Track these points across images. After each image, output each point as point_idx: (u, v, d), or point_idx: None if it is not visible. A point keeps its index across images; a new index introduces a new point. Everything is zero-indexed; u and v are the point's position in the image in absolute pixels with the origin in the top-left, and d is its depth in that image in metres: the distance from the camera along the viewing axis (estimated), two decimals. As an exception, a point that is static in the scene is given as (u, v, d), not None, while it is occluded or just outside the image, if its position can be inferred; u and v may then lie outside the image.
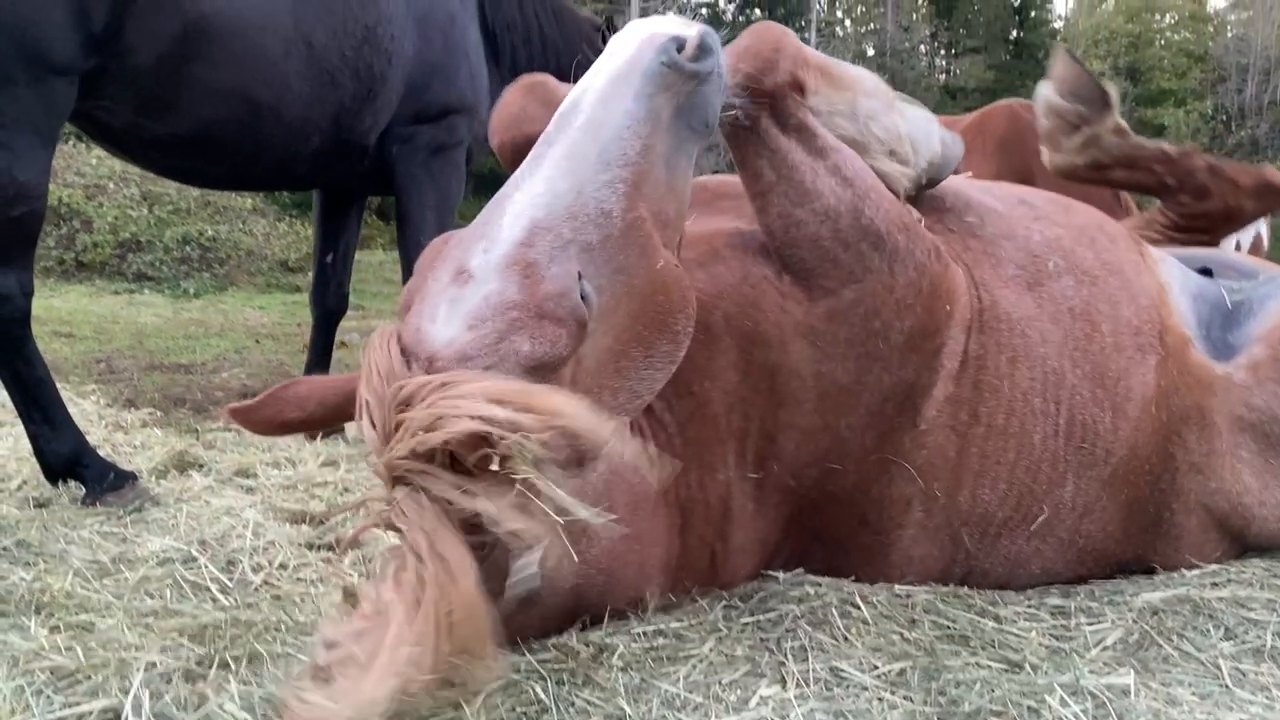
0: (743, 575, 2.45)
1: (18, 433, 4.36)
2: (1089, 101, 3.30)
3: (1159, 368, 2.70)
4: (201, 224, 14.96)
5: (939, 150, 2.44)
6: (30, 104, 3.18)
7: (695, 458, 2.20)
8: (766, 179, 2.21)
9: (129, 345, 7.95)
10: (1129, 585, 2.70)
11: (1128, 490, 2.69)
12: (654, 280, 1.88)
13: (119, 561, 2.77)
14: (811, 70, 2.25)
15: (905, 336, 2.29)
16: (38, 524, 3.09)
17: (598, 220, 1.81)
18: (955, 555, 2.58)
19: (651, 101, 1.88)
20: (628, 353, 1.89)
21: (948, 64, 57.79)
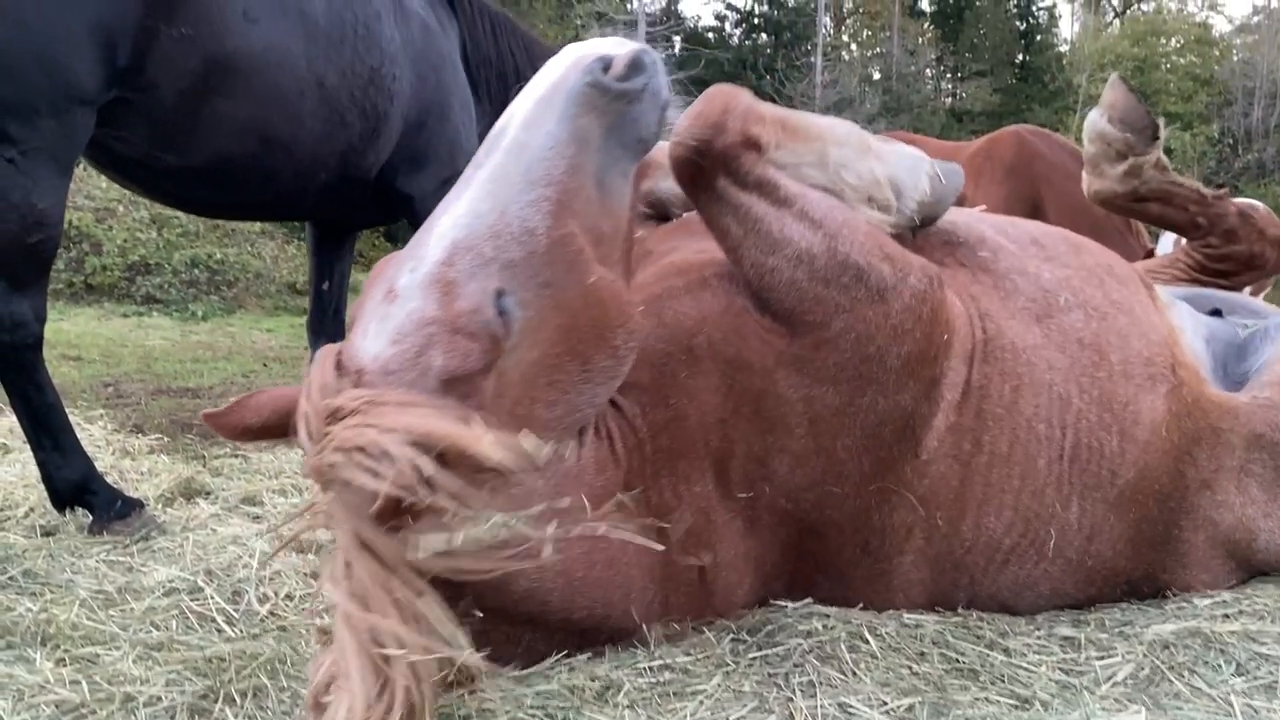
0: (740, 594, 2.43)
1: (25, 459, 4.37)
2: (1139, 131, 3.28)
3: (1171, 395, 2.70)
4: (210, 247, 15.05)
5: (927, 189, 2.41)
6: (52, 133, 3.23)
7: (666, 465, 2.20)
8: (734, 235, 2.24)
9: (137, 369, 7.98)
10: (1139, 616, 2.68)
11: (1136, 510, 2.69)
12: (586, 295, 1.92)
13: (125, 591, 2.77)
14: (769, 125, 2.28)
15: (902, 361, 2.26)
16: (44, 552, 3.09)
17: (521, 238, 1.86)
18: (958, 581, 2.57)
19: (576, 122, 1.93)
20: (561, 366, 1.92)
21: (953, 87, 57.97)
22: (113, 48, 3.33)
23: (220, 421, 2.05)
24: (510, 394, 1.87)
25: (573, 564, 2.03)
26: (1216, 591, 2.82)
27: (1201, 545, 2.79)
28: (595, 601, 2.12)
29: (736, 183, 2.21)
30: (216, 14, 3.65)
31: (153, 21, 3.44)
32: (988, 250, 2.65)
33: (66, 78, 3.23)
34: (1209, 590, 2.83)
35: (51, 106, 3.21)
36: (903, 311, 2.24)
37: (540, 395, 1.91)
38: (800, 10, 55.66)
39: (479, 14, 5.24)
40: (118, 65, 3.38)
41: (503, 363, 1.85)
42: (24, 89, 3.15)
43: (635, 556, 2.15)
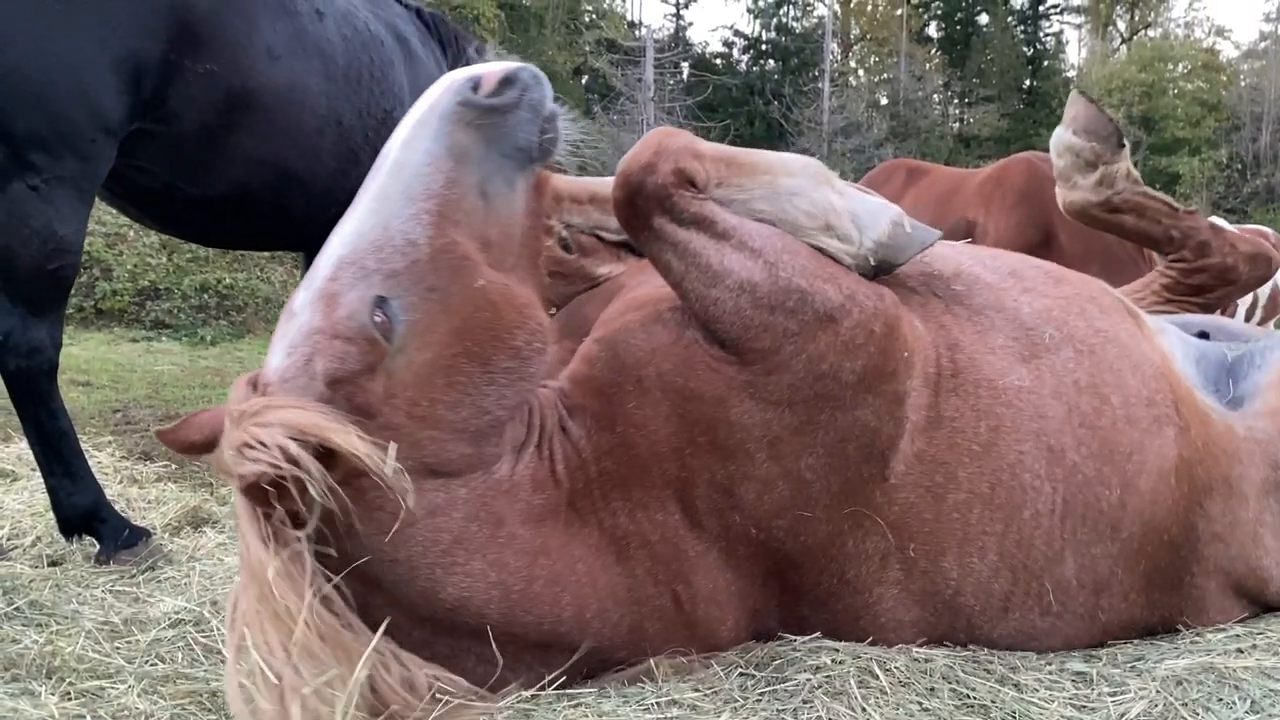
0: (726, 629, 2.42)
1: (33, 487, 4.37)
2: (1104, 139, 3.32)
3: (1179, 439, 2.66)
4: (220, 272, 15.11)
5: (886, 230, 2.38)
6: (76, 162, 3.29)
7: (617, 490, 2.23)
8: (676, 270, 2.27)
9: (146, 395, 8.00)
10: (1151, 651, 2.65)
11: (1146, 561, 2.65)
12: (474, 298, 2.03)
13: (131, 623, 2.76)
14: (708, 163, 2.31)
15: (858, 376, 2.26)
16: (51, 583, 3.09)
17: (404, 249, 1.99)
18: (955, 624, 2.55)
19: (452, 138, 2.08)
20: (458, 367, 2.02)
21: (961, 113, 58.18)
22: (137, 80, 3.39)
23: (170, 438, 2.17)
24: (404, 394, 1.99)
25: (509, 578, 2.08)
26: (1229, 625, 2.79)
27: (1215, 590, 2.77)
28: (541, 617, 2.13)
29: (673, 220, 2.26)
30: (241, 51, 3.73)
31: (177, 56, 3.51)
32: (962, 284, 2.64)
33: (92, 108, 3.27)
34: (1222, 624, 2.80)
35: (76, 136, 3.26)
36: (853, 328, 2.25)
37: (440, 396, 2.00)
38: (807, 36, 56.04)
39: (462, 48, 5.43)
40: (141, 97, 3.44)
41: (389, 364, 1.97)
42: (50, 118, 3.20)
43: (588, 576, 2.18)
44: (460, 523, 2.05)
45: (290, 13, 4.02)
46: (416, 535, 2.01)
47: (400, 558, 2.00)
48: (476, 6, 38.42)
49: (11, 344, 3.28)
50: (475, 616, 2.08)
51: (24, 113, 3.16)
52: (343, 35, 4.31)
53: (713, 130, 43.14)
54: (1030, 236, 8.03)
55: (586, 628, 2.20)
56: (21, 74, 3.14)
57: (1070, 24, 61.27)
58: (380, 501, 1.94)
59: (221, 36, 3.65)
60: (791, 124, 47.07)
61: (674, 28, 58.69)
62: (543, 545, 2.14)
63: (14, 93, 3.14)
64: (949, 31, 61.28)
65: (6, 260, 3.23)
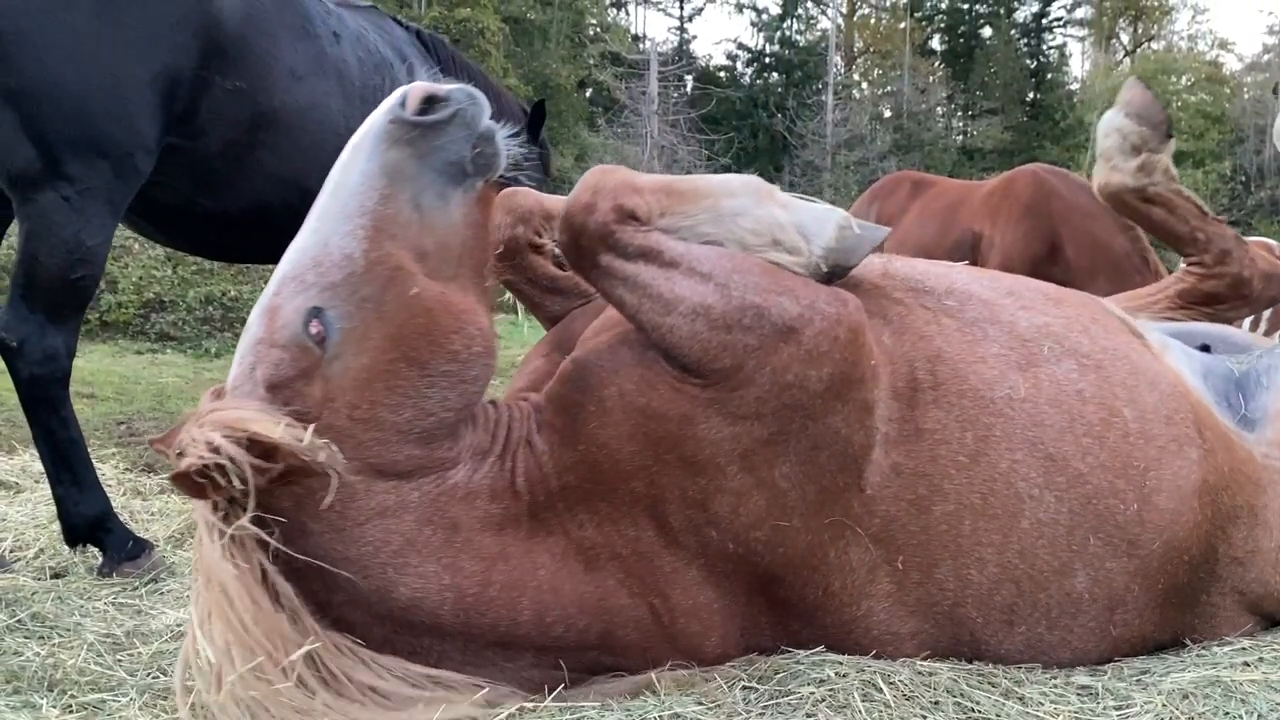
0: (711, 644, 2.42)
1: (36, 499, 4.38)
2: (1154, 126, 3.31)
3: (1203, 462, 2.64)
4: (224, 284, 15.13)
5: (833, 236, 2.39)
6: (109, 174, 3.38)
7: (582, 504, 2.27)
8: (630, 303, 2.29)
9: (150, 406, 8.00)
10: (1157, 664, 2.64)
11: (1165, 580, 2.63)
12: (409, 306, 2.12)
13: (133, 635, 2.76)
14: (647, 195, 2.33)
15: (825, 384, 2.26)
16: (53, 595, 3.09)
17: (341, 263, 2.11)
18: (959, 635, 2.54)
19: (384, 156, 2.17)
20: (397, 371, 2.10)
21: (965, 125, 58.25)
22: (171, 96, 3.50)
23: (163, 446, 2.24)
24: (344, 398, 2.09)
25: (464, 581, 2.15)
26: (1235, 639, 2.77)
27: (1229, 607, 2.76)
28: (496, 620, 2.19)
29: (619, 255, 2.28)
30: (267, 70, 3.86)
31: (209, 73, 3.63)
32: (954, 299, 2.64)
33: (130, 123, 3.37)
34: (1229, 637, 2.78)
35: (114, 149, 3.35)
36: (816, 336, 2.25)
37: (380, 399, 2.09)
38: (811, 49, 56.18)
39: (460, 70, 5.54)
40: (174, 112, 3.55)
41: (326, 370, 2.09)
42: (89, 131, 3.28)
43: (550, 584, 2.23)
44: (412, 525, 2.13)
45: (310, 35, 4.14)
46: (367, 535, 2.09)
47: (352, 556, 2.08)
48: (481, 20, 38.59)
49: (27, 350, 3.31)
50: (430, 616, 2.16)
51: (65, 124, 3.24)
52: (357, 57, 4.41)
53: (716, 142, 43.29)
54: (1036, 249, 8.03)
55: (548, 631, 2.24)
56: (64, 87, 3.22)
57: (1074, 37, 61.45)
58: (326, 498, 2.05)
59: (249, 55, 3.77)
60: (795, 136, 47.17)
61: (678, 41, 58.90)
62: (501, 552, 2.20)
63: (56, 104, 3.22)
64: (952, 44, 61.41)
65: (31, 267, 3.29)
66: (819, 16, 59.41)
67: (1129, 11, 63.16)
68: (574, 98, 46.58)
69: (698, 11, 63.33)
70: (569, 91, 45.86)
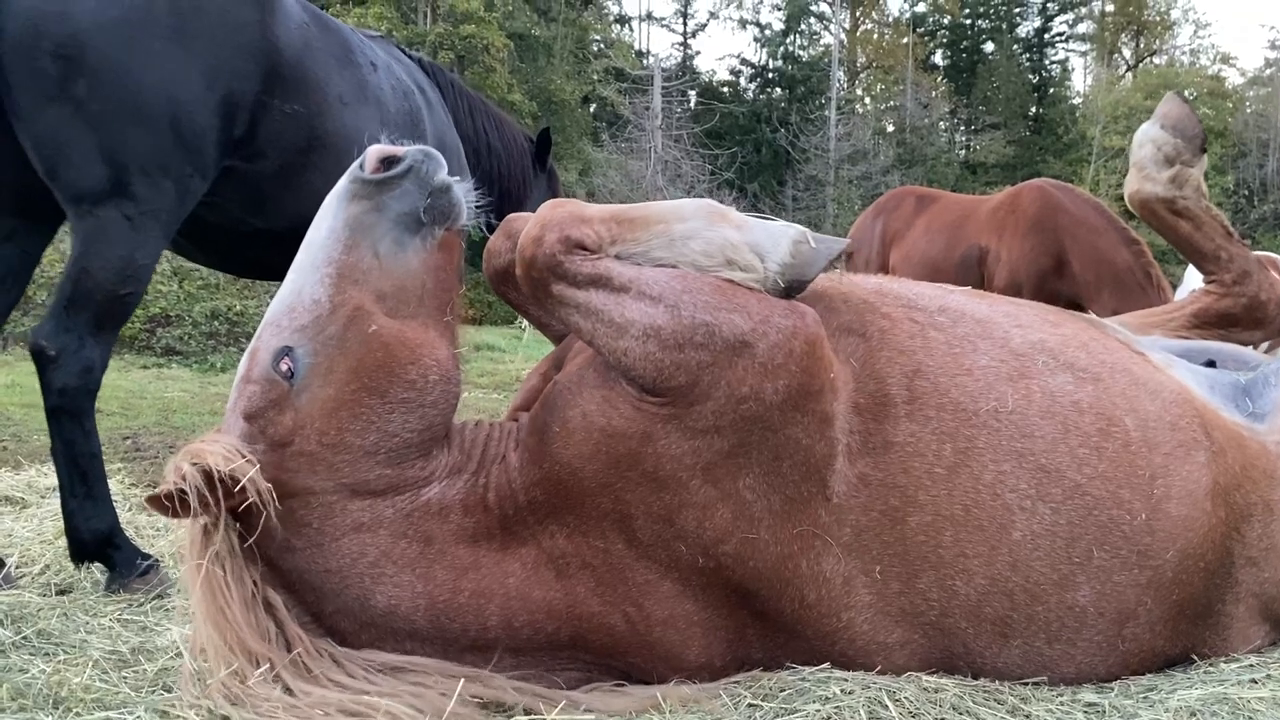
0: (692, 655, 2.44)
1: (42, 514, 4.39)
2: (1189, 139, 3.34)
3: (1212, 464, 2.63)
4: (230, 299, 15.20)
5: (788, 250, 2.43)
6: (172, 196, 3.50)
7: (552, 517, 2.38)
8: (586, 329, 2.37)
9: (155, 421, 8.02)
10: (1164, 681, 2.63)
11: (1180, 591, 2.61)
12: (367, 341, 2.31)
13: (138, 652, 2.75)
14: (596, 225, 2.41)
15: (782, 396, 2.30)
16: (59, 612, 3.08)
17: (310, 308, 2.34)
18: (950, 647, 2.52)
19: (346, 211, 2.42)
20: (360, 400, 2.30)
21: (967, 140, 58.44)
22: (232, 117, 3.64)
23: None
24: (313, 425, 2.28)
25: (435, 589, 2.31)
26: (1243, 655, 2.76)
27: (1242, 616, 2.73)
28: (466, 625, 2.33)
29: (570, 284, 2.36)
30: (321, 96, 4.05)
31: (269, 98, 3.79)
32: (947, 316, 2.67)
33: (197, 145, 3.51)
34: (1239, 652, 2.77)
35: (178, 170, 3.48)
36: (770, 350, 2.29)
37: (346, 425, 2.29)
38: (814, 65, 56.40)
39: (460, 96, 5.84)
40: (235, 135, 3.69)
41: (296, 401, 2.29)
42: (159, 152, 3.41)
43: (519, 590, 2.35)
44: (387, 539, 2.30)
45: (354, 64, 4.39)
46: (344, 548, 2.28)
47: (332, 568, 2.28)
48: (486, 36, 38.78)
49: (64, 361, 3.34)
50: (405, 621, 2.31)
51: (138, 145, 3.36)
52: (390, 85, 4.67)
53: (720, 157, 43.42)
54: (1043, 263, 8.05)
55: (517, 635, 2.35)
56: (139, 109, 3.35)
57: (1076, 52, 61.64)
58: (307, 518, 2.26)
59: (305, 81, 3.96)
60: (798, 151, 47.31)
61: (681, 56, 59.16)
62: (474, 561, 2.35)
63: (133, 127, 3.35)
64: (955, 59, 61.67)
65: (81, 280, 3.35)
66: (822, 32, 59.75)
67: (1131, 27, 63.38)
68: (578, 113, 46.76)
69: (701, 27, 63.53)
70: (573, 107, 46.04)
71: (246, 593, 2.21)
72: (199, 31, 3.49)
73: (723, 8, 64.75)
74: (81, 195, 3.35)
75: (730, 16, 65.90)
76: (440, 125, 5.24)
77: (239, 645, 2.16)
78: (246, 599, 2.20)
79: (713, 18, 65.95)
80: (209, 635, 2.17)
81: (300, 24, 4.01)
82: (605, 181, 39.15)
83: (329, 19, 4.46)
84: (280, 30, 3.82)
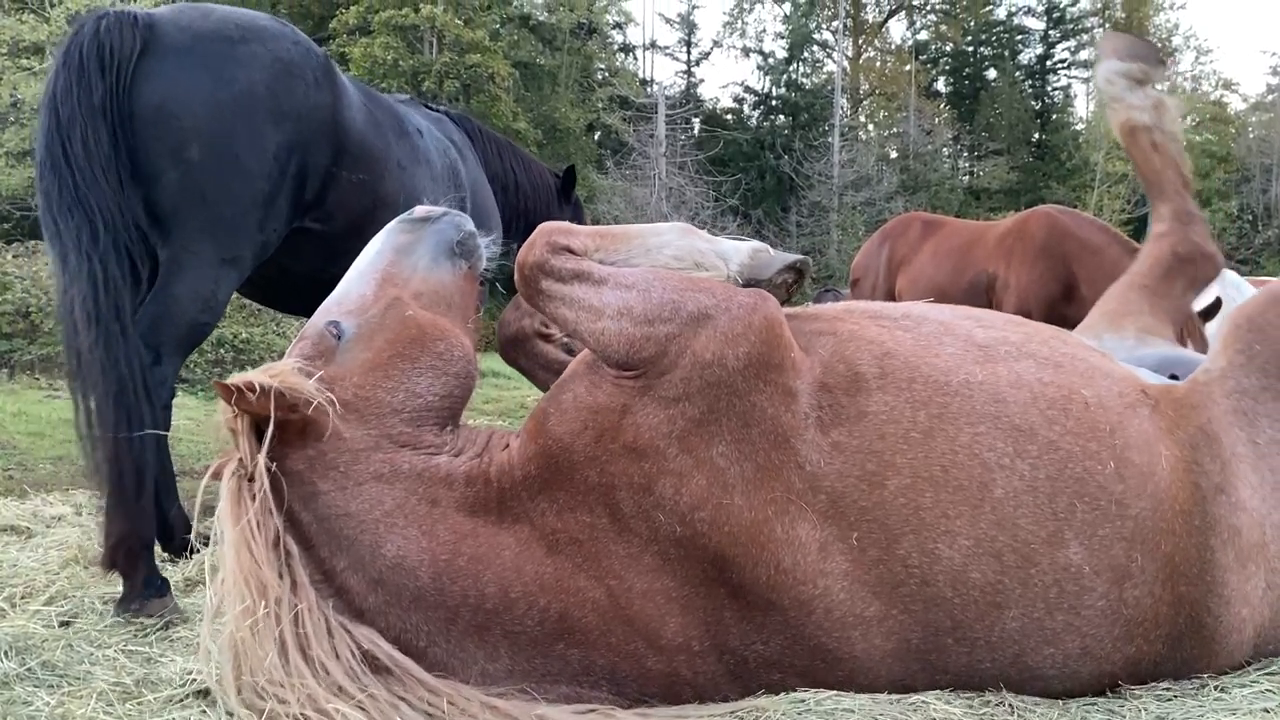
0: (671, 629, 2.50)
1: (47, 543, 4.38)
2: (1146, 56, 3.61)
3: (1153, 415, 2.76)
4: (236, 326, 15.21)
5: (748, 255, 2.82)
6: (251, 244, 4.11)
7: (543, 493, 2.58)
8: (569, 318, 2.65)
9: (160, 450, 7.97)
10: (1175, 708, 2.59)
11: (1168, 541, 2.62)
12: (404, 320, 2.73)
13: (143, 684, 2.74)
14: (583, 237, 2.77)
15: (744, 362, 2.50)
16: (63, 643, 3.07)
17: (357, 300, 2.80)
18: (936, 622, 2.51)
19: (394, 239, 2.96)
20: (393, 362, 2.66)
21: (971, 166, 58.61)
22: (304, 181, 4.33)
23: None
24: (351, 378, 2.63)
25: (438, 548, 2.50)
26: (1256, 679, 2.73)
27: (1234, 566, 2.69)
28: (465, 590, 2.48)
29: (557, 280, 2.68)
30: (381, 163, 4.80)
31: (337, 169, 4.49)
32: (910, 320, 2.86)
33: (275, 208, 4.18)
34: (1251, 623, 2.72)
35: (259, 224, 4.12)
36: (731, 322, 2.53)
37: (379, 382, 2.64)
38: (817, 92, 56.70)
39: (488, 141, 6.71)
40: (306, 200, 4.39)
41: (339, 357, 2.67)
42: (247, 213, 4.05)
43: (513, 563, 2.51)
44: (401, 493, 2.52)
45: (407, 133, 5.19)
46: (365, 494, 2.49)
47: (352, 511, 2.47)
48: (491, 65, 39.05)
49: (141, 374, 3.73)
50: (410, 578, 2.47)
51: (230, 201, 4.00)
52: (434, 147, 5.50)
53: (724, 184, 43.59)
54: (1052, 289, 8.05)
55: (512, 609, 2.48)
56: (235, 173, 4.00)
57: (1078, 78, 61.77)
58: (336, 460, 2.50)
59: (369, 153, 4.69)
60: (802, 178, 47.48)
61: (685, 84, 59.50)
62: (472, 530, 2.54)
63: (226, 192, 3.98)
64: (957, 86, 61.97)
65: (169, 305, 3.92)
66: (824, 60, 60.10)
67: (1133, 53, 63.56)
68: (583, 141, 47.04)
69: (705, 56, 63.80)
70: (578, 135, 46.32)
71: (270, 536, 2.39)
72: (286, 113, 4.15)
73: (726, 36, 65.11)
74: (183, 236, 3.94)
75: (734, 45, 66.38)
76: (474, 174, 6.08)
77: (255, 578, 2.32)
78: (270, 541, 2.39)
79: (716, 46, 66.10)
80: (232, 569, 2.34)
81: (361, 106, 4.74)
82: (610, 208, 39.30)
83: (377, 95, 5.21)
84: (347, 113, 4.54)
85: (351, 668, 2.33)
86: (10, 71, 22.24)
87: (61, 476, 6.76)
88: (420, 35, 39.65)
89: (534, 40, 47.05)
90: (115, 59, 3.81)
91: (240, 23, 4.20)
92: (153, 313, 3.88)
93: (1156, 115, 3.69)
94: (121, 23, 3.86)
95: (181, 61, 3.94)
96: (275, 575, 2.35)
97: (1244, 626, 2.71)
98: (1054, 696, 2.63)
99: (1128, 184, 45.25)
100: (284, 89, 4.18)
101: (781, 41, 60.06)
